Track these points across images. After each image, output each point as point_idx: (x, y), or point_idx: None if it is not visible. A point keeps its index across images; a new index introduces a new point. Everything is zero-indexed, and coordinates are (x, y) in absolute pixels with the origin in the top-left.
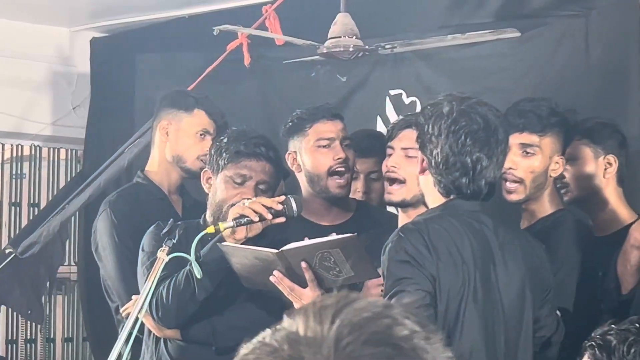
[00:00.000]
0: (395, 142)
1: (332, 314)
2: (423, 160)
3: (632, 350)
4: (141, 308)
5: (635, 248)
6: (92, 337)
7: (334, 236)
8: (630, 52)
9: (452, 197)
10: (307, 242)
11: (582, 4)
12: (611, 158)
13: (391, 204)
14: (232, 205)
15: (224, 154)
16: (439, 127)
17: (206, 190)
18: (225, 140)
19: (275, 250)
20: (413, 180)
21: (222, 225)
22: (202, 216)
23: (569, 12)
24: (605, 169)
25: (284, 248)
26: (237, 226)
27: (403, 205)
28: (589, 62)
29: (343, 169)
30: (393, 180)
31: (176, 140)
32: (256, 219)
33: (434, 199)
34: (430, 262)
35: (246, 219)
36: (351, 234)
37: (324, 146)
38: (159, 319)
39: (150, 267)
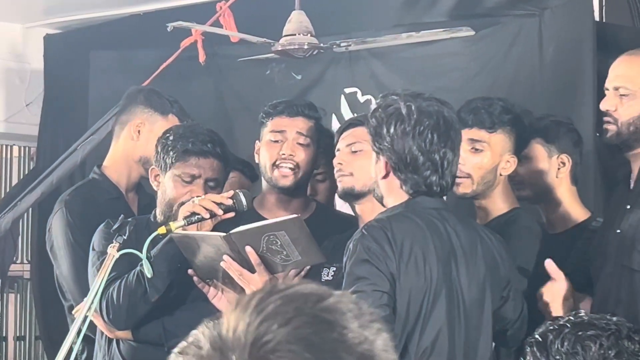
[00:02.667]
0: (340, 144)
1: (257, 307)
2: (386, 163)
3: (566, 344)
4: (91, 305)
5: (544, 306)
6: (45, 336)
7: (278, 218)
8: (583, 52)
9: (416, 195)
10: (253, 224)
11: (535, 4)
12: (565, 157)
13: (342, 192)
14: (183, 203)
15: (171, 152)
16: (403, 129)
17: (155, 188)
18: (170, 137)
19: (222, 234)
20: (359, 171)
21: (173, 225)
22: (152, 212)
23: (523, 12)
24: (559, 168)
25: (231, 231)
26: (189, 224)
27: (353, 194)
28: (542, 61)
29: (287, 164)
30: (341, 175)
31: (147, 142)
32: (207, 215)
33: (397, 199)
34: (392, 260)
35: (197, 216)
36: (294, 215)
37: (275, 140)
38: (109, 320)
39: (100, 266)
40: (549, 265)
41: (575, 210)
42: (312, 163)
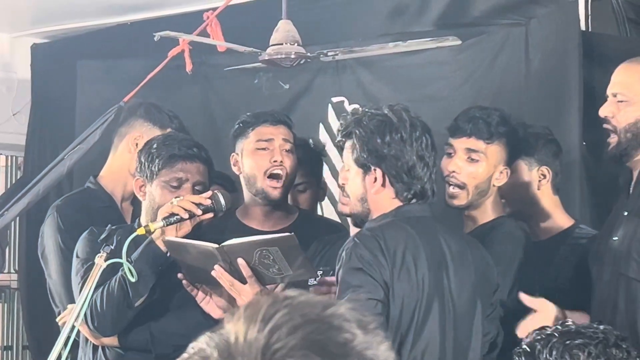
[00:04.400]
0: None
1: (264, 316)
2: (383, 174)
3: (554, 353)
4: (78, 315)
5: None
6: (33, 345)
7: (272, 235)
8: (569, 61)
9: (410, 202)
10: (246, 238)
11: (522, 13)
12: (545, 169)
13: (345, 215)
14: None
15: (157, 160)
16: (400, 137)
17: (140, 199)
18: (155, 145)
19: (215, 245)
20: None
21: (152, 226)
22: (137, 220)
23: (509, 21)
24: (539, 181)
25: (224, 243)
26: (167, 225)
27: (354, 217)
28: (528, 71)
29: (279, 171)
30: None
31: None
32: (186, 216)
33: (387, 208)
34: (385, 268)
35: (176, 217)
36: (289, 233)
37: (262, 148)
38: (95, 327)
39: (85, 275)
40: (524, 298)
41: (559, 218)
42: (295, 170)
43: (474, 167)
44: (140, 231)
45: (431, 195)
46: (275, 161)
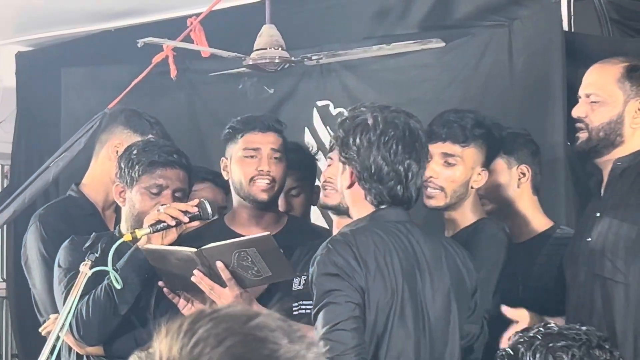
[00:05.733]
0: (334, 154)
1: (188, 331)
2: (352, 173)
3: (537, 356)
4: (63, 325)
5: None
6: (22, 354)
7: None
8: (553, 61)
9: (381, 207)
10: (224, 241)
11: (505, 14)
12: (524, 168)
13: (326, 207)
14: None
15: (137, 166)
16: (368, 139)
17: (120, 204)
18: (135, 151)
19: (194, 249)
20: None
21: (138, 232)
22: (117, 227)
23: (492, 22)
24: (519, 179)
25: (202, 247)
26: (154, 232)
27: (338, 209)
28: (512, 72)
29: (266, 180)
30: (330, 189)
31: None
32: (173, 223)
33: (361, 210)
34: (360, 274)
35: (162, 224)
36: (266, 233)
37: (250, 157)
38: (80, 337)
39: (68, 284)
40: (506, 311)
41: (537, 219)
42: (285, 176)
43: (451, 171)
44: (127, 237)
45: (407, 202)
46: (262, 170)
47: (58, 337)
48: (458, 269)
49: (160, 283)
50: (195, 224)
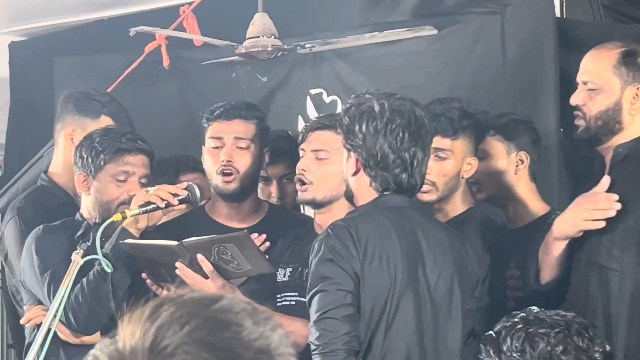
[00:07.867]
0: (306, 145)
1: (150, 316)
2: (357, 160)
3: (515, 341)
4: (55, 315)
5: (557, 240)
6: (18, 343)
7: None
8: (545, 48)
9: (384, 193)
10: (202, 237)
11: (497, 1)
12: (523, 155)
13: (302, 202)
14: (122, 203)
15: (102, 155)
16: (375, 127)
17: (83, 194)
18: (97, 139)
19: (175, 243)
20: (321, 181)
21: (128, 212)
22: (77, 214)
23: (484, 9)
24: (517, 166)
25: (184, 240)
26: (143, 213)
27: (314, 204)
28: (505, 59)
29: (228, 171)
30: (302, 182)
31: None
32: (162, 204)
33: (365, 197)
34: (355, 259)
35: (152, 205)
36: (241, 232)
37: (215, 147)
38: (77, 326)
39: (49, 274)
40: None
41: (535, 205)
42: (255, 165)
43: (442, 165)
44: (117, 217)
45: (411, 189)
46: (222, 160)
47: (49, 329)
48: (460, 254)
49: (143, 275)
50: (182, 206)
